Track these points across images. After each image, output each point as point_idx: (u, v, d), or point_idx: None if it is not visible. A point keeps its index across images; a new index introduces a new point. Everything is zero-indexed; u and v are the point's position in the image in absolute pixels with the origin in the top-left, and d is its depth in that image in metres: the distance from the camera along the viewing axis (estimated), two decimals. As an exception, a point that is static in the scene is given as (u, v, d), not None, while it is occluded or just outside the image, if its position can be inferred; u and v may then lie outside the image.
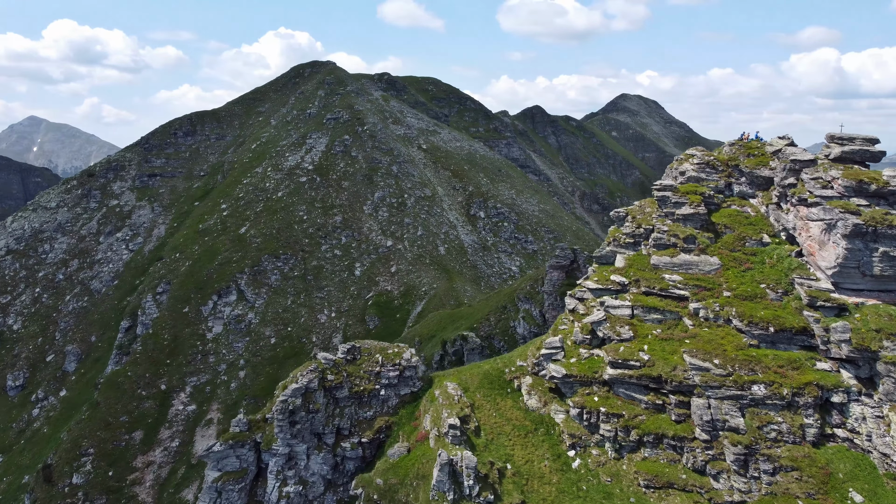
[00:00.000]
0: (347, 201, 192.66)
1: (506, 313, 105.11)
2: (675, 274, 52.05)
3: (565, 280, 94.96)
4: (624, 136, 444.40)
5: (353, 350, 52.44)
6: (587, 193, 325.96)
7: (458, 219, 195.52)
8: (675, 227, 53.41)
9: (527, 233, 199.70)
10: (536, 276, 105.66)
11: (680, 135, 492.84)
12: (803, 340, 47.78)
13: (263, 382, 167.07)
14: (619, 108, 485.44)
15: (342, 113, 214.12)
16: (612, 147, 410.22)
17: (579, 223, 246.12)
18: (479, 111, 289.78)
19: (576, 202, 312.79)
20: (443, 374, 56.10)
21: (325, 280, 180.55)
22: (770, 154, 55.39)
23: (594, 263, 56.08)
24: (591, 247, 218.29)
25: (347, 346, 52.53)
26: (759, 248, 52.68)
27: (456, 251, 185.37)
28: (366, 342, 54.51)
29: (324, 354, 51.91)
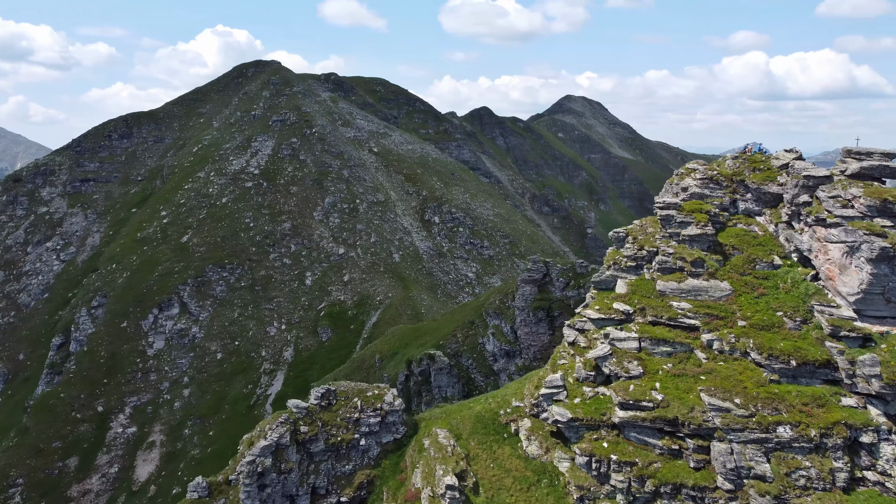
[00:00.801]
0: (297, 207, 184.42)
1: (473, 329, 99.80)
2: (684, 301, 47.45)
3: (538, 294, 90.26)
4: (570, 137, 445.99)
5: (328, 395, 46.11)
6: (537, 195, 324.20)
7: (413, 224, 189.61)
8: (681, 249, 48.83)
9: (482, 238, 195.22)
10: (505, 289, 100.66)
11: (624, 136, 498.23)
12: (826, 374, 43.75)
13: (210, 401, 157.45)
14: (564, 109, 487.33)
15: (289, 115, 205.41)
16: (559, 148, 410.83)
17: (533, 227, 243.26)
18: (429, 112, 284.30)
19: (526, 204, 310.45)
20: (429, 418, 50.22)
21: (275, 290, 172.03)
22: (777, 168, 51.43)
23: (592, 289, 51.06)
24: (547, 251, 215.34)
25: (322, 389, 46.18)
26: (770, 272, 48.55)
27: (411, 258, 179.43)
28: (342, 384, 48.24)
29: (295, 402, 45.43)
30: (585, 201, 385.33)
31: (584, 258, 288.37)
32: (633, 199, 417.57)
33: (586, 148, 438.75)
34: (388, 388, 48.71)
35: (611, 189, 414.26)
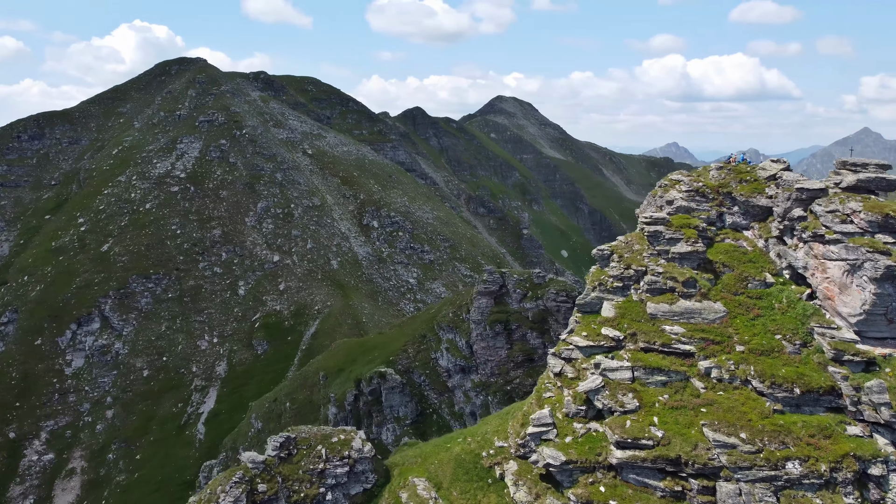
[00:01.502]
0: (227, 213, 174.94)
1: (425, 343, 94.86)
2: (677, 325, 43.86)
3: (494, 307, 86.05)
4: (502, 137, 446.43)
5: (287, 444, 40.26)
6: (472, 197, 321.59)
7: (351, 229, 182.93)
8: (670, 267, 45.24)
9: (423, 242, 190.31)
10: (458, 301, 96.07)
11: (554, 136, 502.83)
12: (830, 401, 40.87)
13: (136, 422, 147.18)
14: (496, 109, 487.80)
15: (217, 115, 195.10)
16: (492, 149, 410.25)
17: (473, 230, 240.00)
18: (363, 113, 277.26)
19: (462, 206, 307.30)
20: (402, 463, 44.92)
21: (205, 302, 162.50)
22: (764, 180, 48.60)
23: (576, 312, 46.89)
24: (488, 255, 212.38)
25: (280, 438, 40.26)
26: (763, 290, 45.56)
27: (350, 264, 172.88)
28: (302, 430, 42.33)
29: (250, 456, 39.33)
30: (519, 201, 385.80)
31: (521, 259, 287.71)
32: (565, 199, 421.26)
33: (518, 148, 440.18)
34: (354, 431, 43.19)
35: (543, 189, 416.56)
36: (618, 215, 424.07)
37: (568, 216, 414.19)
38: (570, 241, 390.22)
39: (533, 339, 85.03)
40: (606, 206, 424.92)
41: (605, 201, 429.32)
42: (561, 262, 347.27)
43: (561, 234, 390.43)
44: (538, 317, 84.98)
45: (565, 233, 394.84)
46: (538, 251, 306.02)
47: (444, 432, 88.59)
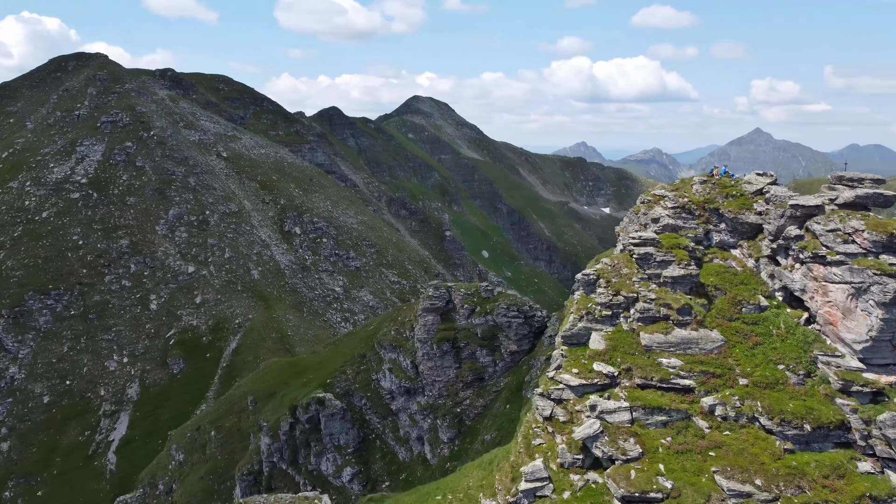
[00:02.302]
0: (135, 221, 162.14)
1: (365, 363, 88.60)
2: (674, 357, 39.95)
3: (441, 324, 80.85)
4: (420, 138, 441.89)
5: (242, 520, 33.73)
6: (394, 198, 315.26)
7: (272, 236, 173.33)
8: (663, 293, 41.31)
9: (348, 248, 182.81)
10: (399, 317, 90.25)
11: (471, 137, 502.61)
12: (839, 436, 37.92)
13: (37, 454, 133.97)
14: (413, 109, 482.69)
15: (121, 115, 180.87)
16: (410, 149, 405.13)
17: (398, 234, 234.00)
18: (278, 113, 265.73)
19: (383, 208, 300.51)
20: (377, 530, 39.02)
21: (113, 318, 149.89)
22: (751, 194, 45.51)
23: (561, 344, 42.24)
24: (415, 260, 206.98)
25: (233, 514, 33.68)
26: (757, 315, 42.38)
27: (272, 274, 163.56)
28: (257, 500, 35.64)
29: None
30: (439, 202, 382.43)
31: (444, 262, 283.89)
32: (483, 200, 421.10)
33: (437, 149, 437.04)
34: (318, 498, 36.83)
35: (463, 190, 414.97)
36: (536, 215, 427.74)
37: (487, 216, 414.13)
38: (490, 241, 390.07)
39: (483, 357, 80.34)
40: (524, 206, 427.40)
41: (523, 201, 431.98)
42: (482, 263, 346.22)
43: (481, 235, 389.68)
44: (488, 333, 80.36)
45: (485, 233, 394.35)
46: (461, 253, 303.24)
47: (389, 459, 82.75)
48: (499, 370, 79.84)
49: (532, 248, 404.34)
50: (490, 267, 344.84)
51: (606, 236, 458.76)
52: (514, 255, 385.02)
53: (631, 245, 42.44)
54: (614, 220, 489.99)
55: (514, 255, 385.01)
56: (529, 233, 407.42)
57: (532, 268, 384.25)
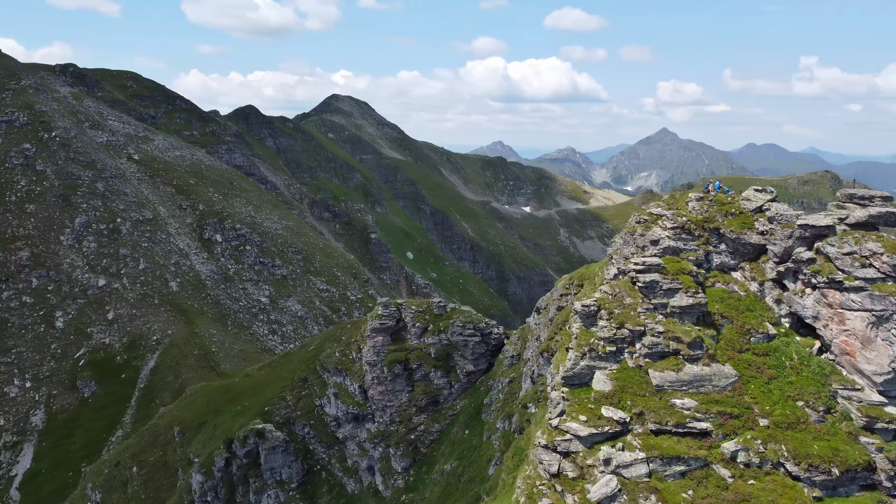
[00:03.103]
0: (36, 230, 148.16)
1: (307, 388, 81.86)
2: (687, 396, 36.02)
3: (391, 345, 75.27)
4: (341, 137, 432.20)
5: None
6: (316, 201, 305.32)
7: (191, 245, 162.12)
8: (671, 325, 37.33)
9: (273, 256, 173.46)
10: (343, 336, 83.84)
11: (393, 136, 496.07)
12: (865, 477, 34.99)
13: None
14: (332, 108, 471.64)
15: (18, 114, 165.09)
16: (331, 149, 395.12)
17: (324, 239, 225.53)
18: (192, 112, 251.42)
19: (306, 210, 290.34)
20: None
21: (13, 339, 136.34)
22: (751, 213, 42.25)
23: (561, 386, 37.56)
24: (343, 266, 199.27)
25: None
26: (766, 344, 39.08)
27: (192, 285, 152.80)
28: None
29: None
30: (362, 203, 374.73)
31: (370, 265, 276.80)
32: (406, 200, 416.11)
33: (358, 149, 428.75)
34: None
35: (385, 190, 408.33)
36: (459, 215, 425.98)
37: (411, 217, 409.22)
38: (414, 242, 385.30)
39: (437, 379, 75.19)
40: (447, 206, 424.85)
41: (446, 201, 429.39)
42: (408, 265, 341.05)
43: (405, 236, 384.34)
44: (442, 353, 75.27)
45: (409, 234, 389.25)
46: (387, 255, 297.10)
47: (337, 492, 76.49)
48: (455, 392, 74.94)
49: (456, 248, 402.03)
50: (415, 268, 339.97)
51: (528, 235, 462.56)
52: (439, 255, 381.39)
53: (634, 271, 38.25)
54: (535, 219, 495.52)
55: (438, 255, 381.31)
56: (453, 233, 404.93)
57: (457, 268, 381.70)
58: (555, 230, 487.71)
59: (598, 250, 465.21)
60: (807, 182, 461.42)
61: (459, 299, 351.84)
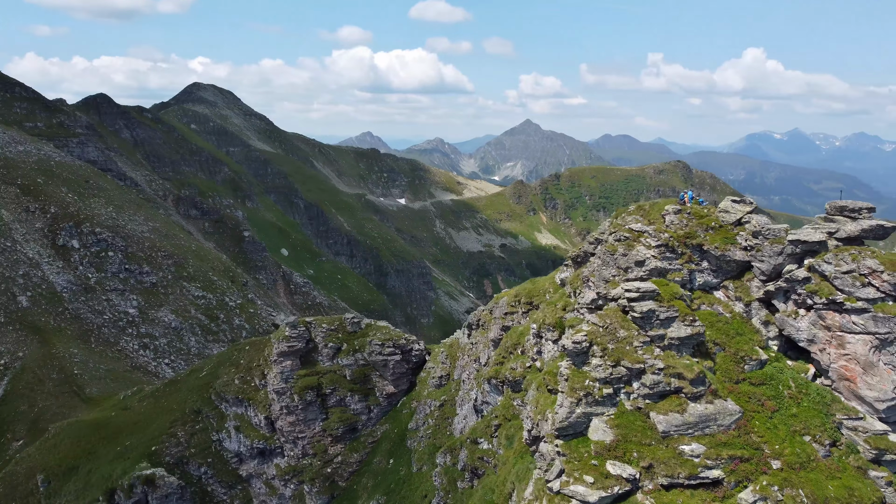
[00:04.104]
0: None
1: (202, 421, 72.04)
2: (694, 441, 31.82)
3: (301, 369, 67.42)
4: (205, 129, 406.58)
5: None
6: (182, 197, 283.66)
7: (42, 253, 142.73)
8: (670, 359, 32.96)
9: (140, 262, 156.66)
10: (243, 360, 74.45)
11: (261, 127, 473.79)
12: (876, 514, 32.49)
13: None
14: (194, 98, 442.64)
15: None
16: (195, 142, 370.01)
17: (195, 239, 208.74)
18: (36, 101, 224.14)
19: (171, 208, 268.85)
20: None
21: None
22: (731, 225, 38.77)
23: (554, 438, 32.14)
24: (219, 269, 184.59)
25: None
26: (761, 372, 35.75)
27: (46, 299, 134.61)
28: None
29: None
30: (231, 199, 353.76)
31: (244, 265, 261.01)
32: (279, 194, 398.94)
33: (224, 141, 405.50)
34: None
35: (256, 184, 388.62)
36: (334, 208, 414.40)
37: (284, 212, 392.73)
38: (289, 238, 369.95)
39: (354, 404, 68.02)
40: (322, 200, 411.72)
41: (321, 194, 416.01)
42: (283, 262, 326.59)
43: (279, 232, 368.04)
44: (359, 375, 68.15)
45: (283, 230, 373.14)
46: (262, 254, 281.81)
47: (243, 538, 67.66)
48: (374, 417, 68.22)
49: (333, 242, 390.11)
50: (291, 266, 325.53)
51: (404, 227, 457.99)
52: (316, 251, 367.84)
53: (627, 299, 33.47)
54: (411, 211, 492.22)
55: (315, 251, 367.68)
56: (329, 227, 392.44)
57: (334, 263, 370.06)
58: (431, 222, 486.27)
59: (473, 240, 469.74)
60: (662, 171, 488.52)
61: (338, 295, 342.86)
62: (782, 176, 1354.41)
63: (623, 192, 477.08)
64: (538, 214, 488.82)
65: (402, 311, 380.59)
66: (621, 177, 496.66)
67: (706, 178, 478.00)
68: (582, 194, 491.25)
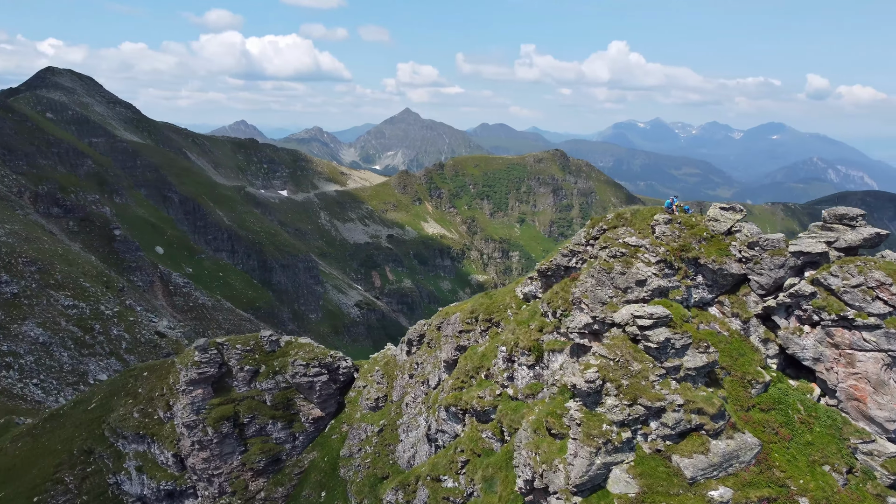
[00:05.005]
0: None
1: (94, 462, 62.54)
2: (721, 484, 28.42)
3: (214, 397, 59.78)
4: (63, 118, 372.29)
5: None
6: (41, 194, 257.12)
7: None
8: (687, 392, 29.34)
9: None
10: (142, 389, 65.22)
11: (128, 117, 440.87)
12: (898, 545, 30.57)
13: None
14: (49, 84, 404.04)
15: None
16: (53, 132, 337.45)
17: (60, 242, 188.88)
18: None
19: (28, 207, 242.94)
20: None
21: None
22: (722, 235, 35.76)
23: (574, 496, 27.59)
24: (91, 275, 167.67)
25: None
26: (768, 396, 33.00)
27: None
28: None
29: None
30: (97, 194, 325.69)
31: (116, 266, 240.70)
32: (150, 188, 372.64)
33: (86, 131, 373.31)
34: None
35: (124, 178, 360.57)
36: (212, 202, 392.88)
37: (157, 207, 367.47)
38: (163, 235, 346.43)
39: (277, 432, 60.92)
40: (199, 193, 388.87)
41: (197, 188, 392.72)
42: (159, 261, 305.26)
43: (153, 229, 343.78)
44: (280, 399, 61.06)
45: (157, 226, 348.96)
46: (136, 254, 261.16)
47: None
48: (300, 445, 61.56)
49: (212, 238, 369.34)
50: (169, 265, 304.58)
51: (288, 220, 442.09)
52: (194, 248, 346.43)
53: (639, 327, 29.46)
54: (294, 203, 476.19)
55: (193, 248, 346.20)
56: (207, 222, 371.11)
57: (215, 260, 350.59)
58: (315, 213, 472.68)
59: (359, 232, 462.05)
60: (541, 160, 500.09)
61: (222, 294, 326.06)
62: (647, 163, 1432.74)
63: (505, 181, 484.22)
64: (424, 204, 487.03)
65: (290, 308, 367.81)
66: (503, 165, 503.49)
67: (582, 165, 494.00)
68: (466, 183, 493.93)
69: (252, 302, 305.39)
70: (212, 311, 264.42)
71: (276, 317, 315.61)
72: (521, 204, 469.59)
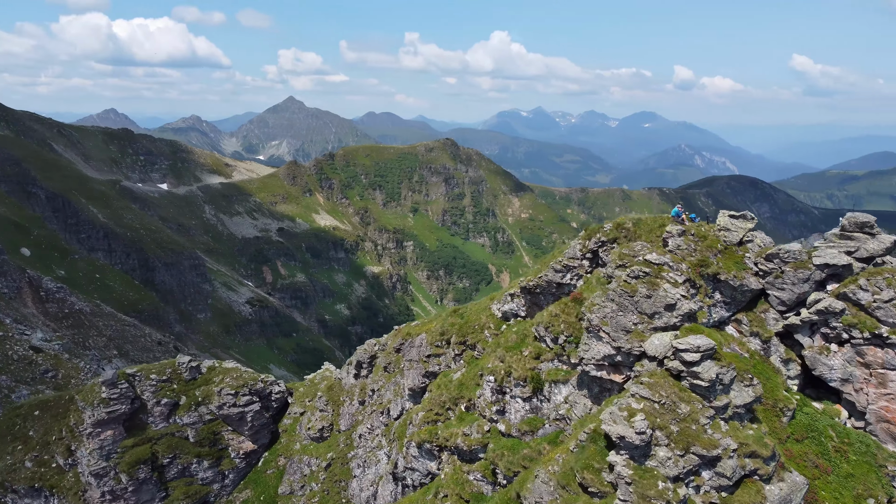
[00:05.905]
0: None
1: (-23, 523, 52.46)
2: (779, 537, 25.03)
3: (128, 437, 51.77)
4: None
5: None
6: None
7: None
8: (738, 434, 25.77)
9: None
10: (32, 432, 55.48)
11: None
12: (940, 576, 28.54)
13: None
14: None
15: None
16: None
17: None
18: None
19: None
20: None
21: None
22: (735, 246, 32.54)
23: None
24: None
25: None
26: (798, 423, 30.15)
27: None
28: None
29: None
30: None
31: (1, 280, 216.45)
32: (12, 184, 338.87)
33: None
34: None
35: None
36: (84, 198, 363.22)
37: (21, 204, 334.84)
38: (30, 235, 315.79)
39: (203, 472, 53.33)
40: (68, 189, 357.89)
41: (66, 182, 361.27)
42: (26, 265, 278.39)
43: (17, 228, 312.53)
44: (205, 434, 53.46)
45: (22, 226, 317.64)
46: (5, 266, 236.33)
47: None
48: (230, 483, 54.34)
49: (86, 237, 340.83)
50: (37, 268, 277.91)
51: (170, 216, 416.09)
52: (66, 248, 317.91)
53: (682, 361, 25.49)
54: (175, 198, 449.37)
55: (64, 248, 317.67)
56: (80, 220, 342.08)
57: (90, 261, 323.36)
58: (199, 208, 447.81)
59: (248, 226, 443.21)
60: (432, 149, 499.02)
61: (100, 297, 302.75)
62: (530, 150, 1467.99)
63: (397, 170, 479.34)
64: (315, 195, 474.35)
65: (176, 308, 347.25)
66: (394, 155, 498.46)
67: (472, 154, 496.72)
68: (357, 173, 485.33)
69: (134, 304, 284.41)
70: (91, 317, 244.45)
71: (162, 319, 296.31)
72: (414, 193, 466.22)
